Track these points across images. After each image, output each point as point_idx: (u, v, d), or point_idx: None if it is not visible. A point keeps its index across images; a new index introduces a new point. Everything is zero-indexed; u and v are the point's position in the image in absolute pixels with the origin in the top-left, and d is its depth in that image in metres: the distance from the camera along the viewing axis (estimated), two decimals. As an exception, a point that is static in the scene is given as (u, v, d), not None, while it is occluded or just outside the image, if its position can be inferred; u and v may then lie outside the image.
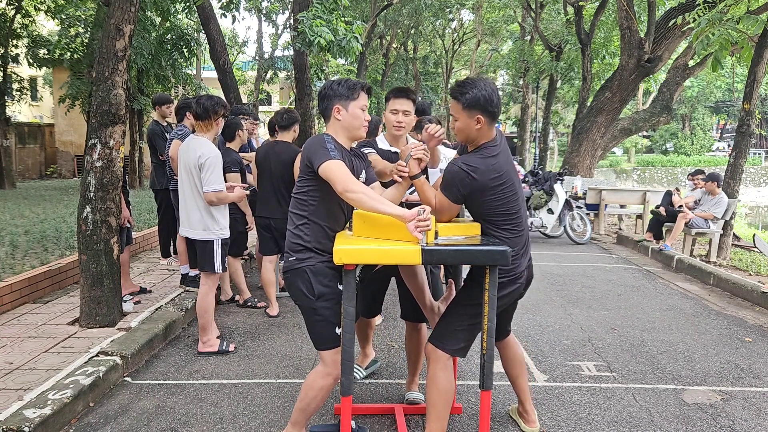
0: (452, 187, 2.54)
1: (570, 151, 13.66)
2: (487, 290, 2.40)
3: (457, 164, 2.53)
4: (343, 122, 2.62)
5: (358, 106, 2.62)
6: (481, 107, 2.50)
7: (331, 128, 2.65)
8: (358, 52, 8.64)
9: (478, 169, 2.49)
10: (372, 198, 2.34)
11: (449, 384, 2.58)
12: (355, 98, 2.61)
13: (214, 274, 4.05)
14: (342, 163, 2.45)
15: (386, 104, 3.26)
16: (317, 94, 2.71)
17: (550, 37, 18.19)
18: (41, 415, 2.84)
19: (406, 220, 2.27)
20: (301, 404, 2.65)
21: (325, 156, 2.45)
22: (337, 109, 2.61)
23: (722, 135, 48.67)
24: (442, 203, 2.58)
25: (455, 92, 2.58)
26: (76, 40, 14.84)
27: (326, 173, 2.42)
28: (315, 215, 2.56)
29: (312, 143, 2.56)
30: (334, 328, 2.53)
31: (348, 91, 2.61)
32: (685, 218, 8.07)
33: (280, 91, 29.67)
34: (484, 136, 2.59)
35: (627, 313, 5.36)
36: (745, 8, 8.56)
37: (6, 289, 4.59)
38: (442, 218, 2.61)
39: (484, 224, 2.62)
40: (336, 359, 2.52)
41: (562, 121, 30.43)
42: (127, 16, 4.19)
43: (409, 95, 3.20)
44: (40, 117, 25.92)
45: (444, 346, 2.59)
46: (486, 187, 2.51)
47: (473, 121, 2.53)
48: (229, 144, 4.95)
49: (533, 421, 3.05)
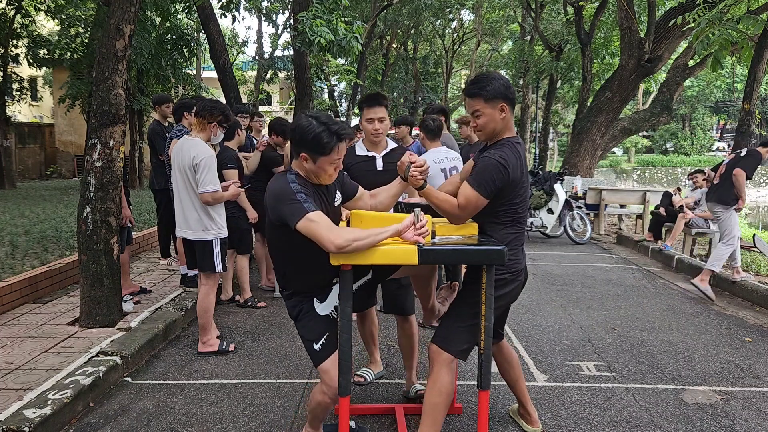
0: (489, 182, 2.45)
1: (570, 151, 13.65)
2: (484, 290, 2.40)
3: (493, 158, 2.47)
4: (308, 170, 2.44)
5: (329, 162, 2.40)
6: (503, 95, 2.52)
7: (296, 164, 2.48)
8: (358, 52, 8.63)
9: (511, 164, 2.47)
10: (365, 237, 2.24)
11: (451, 387, 2.58)
12: (326, 154, 2.37)
13: (215, 274, 4.05)
14: (320, 214, 2.27)
15: (360, 113, 3.31)
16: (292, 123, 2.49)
17: (550, 37, 18.18)
18: (41, 415, 2.84)
19: (401, 233, 2.29)
20: (309, 411, 2.69)
21: (298, 212, 2.25)
22: (303, 158, 2.40)
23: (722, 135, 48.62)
24: (469, 198, 2.46)
25: (473, 89, 2.54)
26: (76, 40, 14.83)
27: (307, 232, 2.25)
28: (295, 266, 2.52)
29: (276, 197, 2.34)
30: (312, 345, 2.50)
31: (318, 147, 2.35)
32: (685, 218, 8.07)
33: (280, 91, 29.68)
34: (507, 128, 2.58)
35: (627, 313, 5.36)
36: (745, 8, 8.57)
37: (6, 289, 4.59)
38: (464, 215, 2.51)
39: (491, 222, 2.59)
40: (326, 379, 2.49)
41: (562, 121, 30.40)
42: (127, 16, 4.19)
43: (381, 102, 3.25)
44: (40, 117, 25.91)
45: (449, 347, 2.57)
46: (516, 183, 2.50)
47: (497, 111, 2.52)
48: (228, 143, 4.95)
49: (535, 421, 3.05)
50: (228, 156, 4.77)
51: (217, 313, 4.41)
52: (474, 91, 2.54)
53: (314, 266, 2.48)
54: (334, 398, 2.50)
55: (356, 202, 2.73)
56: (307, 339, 2.52)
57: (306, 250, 2.38)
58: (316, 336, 2.50)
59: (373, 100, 3.27)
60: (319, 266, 2.46)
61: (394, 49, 24.86)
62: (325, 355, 2.49)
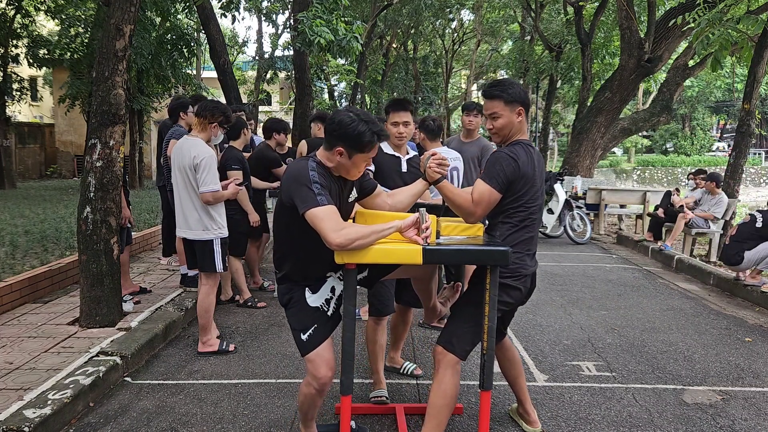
0: (498, 174, 2.51)
1: (570, 151, 13.65)
2: (488, 290, 2.40)
3: (502, 151, 2.58)
4: (340, 164, 2.43)
5: (364, 159, 2.44)
6: (521, 100, 2.63)
7: (325, 155, 2.45)
8: (358, 52, 8.64)
9: (521, 158, 2.54)
10: (368, 236, 2.24)
11: (456, 389, 2.57)
12: (364, 152, 2.41)
13: (215, 273, 4.05)
14: (330, 208, 2.27)
15: (386, 116, 3.52)
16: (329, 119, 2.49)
17: (550, 37, 18.18)
18: (41, 415, 2.83)
19: (402, 230, 2.30)
20: (299, 407, 2.69)
21: (311, 201, 2.26)
22: (339, 151, 2.40)
23: (722, 135, 48.63)
24: (483, 193, 2.52)
25: (494, 91, 2.62)
26: (76, 40, 14.83)
27: (313, 222, 2.26)
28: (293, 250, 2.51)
29: (294, 178, 2.36)
30: (300, 334, 2.51)
31: (360, 145, 2.38)
32: (685, 218, 8.07)
33: (280, 91, 29.66)
34: (521, 131, 2.66)
35: (627, 313, 5.36)
36: (745, 8, 8.57)
37: (6, 289, 4.58)
38: (479, 211, 2.54)
39: (503, 221, 2.60)
40: (310, 368, 2.50)
41: (562, 121, 30.40)
42: (127, 16, 4.19)
43: (406, 107, 3.46)
44: (40, 117, 25.90)
45: (454, 348, 2.57)
46: (528, 179, 2.55)
47: (515, 114, 2.62)
48: (233, 142, 4.95)
49: (535, 421, 3.05)
50: (232, 156, 4.76)
51: (217, 313, 4.41)
52: (495, 93, 2.62)
53: (311, 256, 2.49)
54: (320, 389, 2.51)
55: (373, 200, 2.72)
56: (295, 329, 2.54)
57: (307, 239, 2.39)
58: (303, 326, 2.51)
59: (399, 105, 3.50)
60: (315, 258, 2.47)
61: (394, 49, 24.85)
62: (311, 347, 2.49)
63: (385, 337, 3.41)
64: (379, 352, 3.36)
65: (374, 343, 3.35)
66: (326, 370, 2.48)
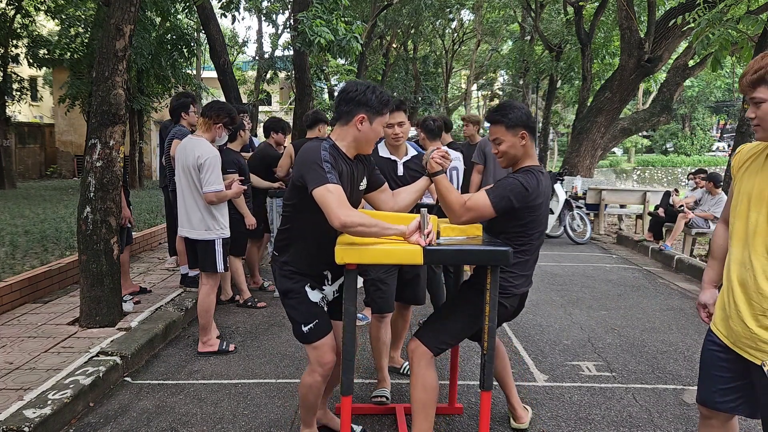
0: (506, 198, 2.49)
1: (570, 151, 13.65)
2: (489, 291, 2.40)
3: (518, 179, 2.53)
4: (361, 134, 2.45)
5: (382, 123, 2.50)
6: (524, 123, 2.60)
7: (341, 134, 2.47)
8: (358, 52, 8.64)
9: (531, 190, 2.51)
10: (371, 226, 2.25)
11: (435, 381, 2.61)
12: (383, 114, 2.47)
13: (216, 273, 4.05)
14: (338, 188, 2.28)
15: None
16: (340, 92, 2.53)
17: (550, 37, 18.18)
18: (41, 415, 2.84)
19: (406, 236, 2.30)
20: (301, 402, 2.70)
21: (320, 179, 2.27)
22: (360, 119, 2.42)
23: (722, 135, 48.64)
24: (479, 204, 2.49)
25: (495, 116, 2.61)
26: (76, 40, 14.82)
27: (320, 200, 2.27)
28: (299, 233, 2.51)
29: (307, 158, 2.37)
30: (300, 326, 2.53)
31: (380, 105, 2.44)
32: (685, 218, 8.07)
33: (280, 91, 29.65)
34: (528, 155, 2.64)
35: (627, 313, 5.36)
36: (745, 8, 8.57)
37: (6, 289, 4.59)
38: (466, 216, 2.52)
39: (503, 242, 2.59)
40: (315, 355, 2.54)
41: (562, 121, 30.39)
42: (127, 16, 4.19)
43: (401, 107, 3.35)
44: (40, 117, 25.91)
45: (428, 342, 2.61)
46: (533, 209, 2.55)
47: (518, 138, 2.60)
48: (230, 144, 4.95)
49: (520, 417, 3.07)
50: (228, 160, 4.76)
51: (217, 313, 4.41)
52: (496, 118, 2.62)
53: (313, 247, 2.50)
54: (325, 374, 2.54)
55: (379, 195, 2.73)
56: (296, 320, 2.55)
57: (311, 229, 2.43)
58: (305, 320, 2.52)
59: (395, 105, 3.34)
60: (316, 249, 2.49)
61: (394, 49, 24.85)
62: (313, 339, 2.52)
63: (389, 335, 3.42)
64: (383, 349, 3.37)
65: (378, 340, 3.37)
66: (332, 355, 2.54)
